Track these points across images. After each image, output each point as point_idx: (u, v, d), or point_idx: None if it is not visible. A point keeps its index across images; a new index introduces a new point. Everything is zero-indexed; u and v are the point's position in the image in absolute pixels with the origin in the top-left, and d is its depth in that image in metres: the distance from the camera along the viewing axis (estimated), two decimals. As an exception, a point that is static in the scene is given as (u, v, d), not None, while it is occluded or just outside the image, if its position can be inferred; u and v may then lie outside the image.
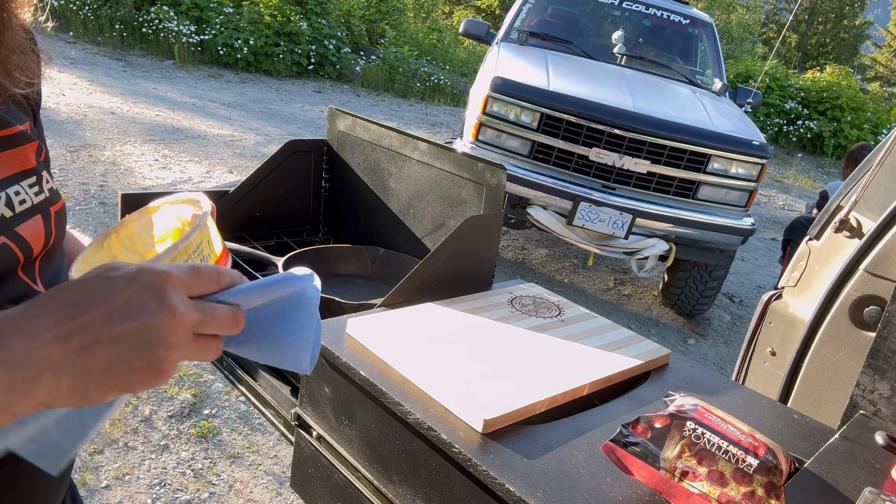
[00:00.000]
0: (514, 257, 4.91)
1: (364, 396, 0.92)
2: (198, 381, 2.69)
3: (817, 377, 1.58)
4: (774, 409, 1.01)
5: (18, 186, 0.63)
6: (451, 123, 9.34)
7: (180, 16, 9.77)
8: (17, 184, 0.63)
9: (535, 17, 5.26)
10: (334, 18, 11.40)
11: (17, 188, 0.63)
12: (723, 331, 4.37)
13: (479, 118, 3.84)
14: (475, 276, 1.25)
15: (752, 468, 0.70)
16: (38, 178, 0.66)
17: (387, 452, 0.90)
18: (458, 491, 0.81)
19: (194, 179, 5.03)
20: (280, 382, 1.16)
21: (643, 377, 1.05)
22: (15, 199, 0.62)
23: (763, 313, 1.80)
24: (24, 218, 0.63)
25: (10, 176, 0.63)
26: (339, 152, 1.72)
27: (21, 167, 0.64)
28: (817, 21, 25.58)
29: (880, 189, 1.66)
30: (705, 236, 3.77)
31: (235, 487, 2.19)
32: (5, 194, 0.61)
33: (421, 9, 18.17)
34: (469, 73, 12.36)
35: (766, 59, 16.81)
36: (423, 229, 1.54)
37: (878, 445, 0.94)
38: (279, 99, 8.65)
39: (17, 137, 0.64)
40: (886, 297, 1.44)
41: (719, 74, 5.06)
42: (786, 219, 7.18)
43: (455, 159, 1.41)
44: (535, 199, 3.74)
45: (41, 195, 0.66)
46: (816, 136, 12.27)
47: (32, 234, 0.63)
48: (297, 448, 1.08)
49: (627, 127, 3.62)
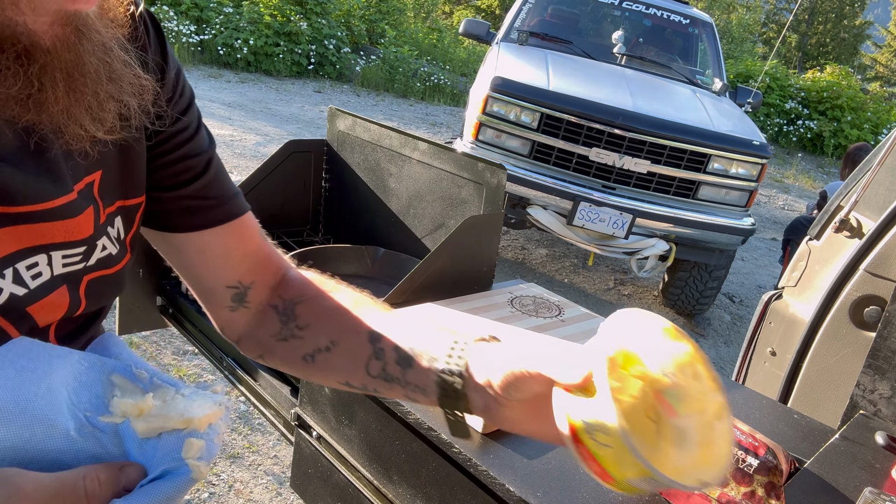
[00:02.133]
0: (514, 257, 4.91)
1: (364, 396, 0.92)
2: (198, 381, 2.69)
3: (817, 377, 1.58)
4: (774, 409, 1.01)
5: (37, 257, 0.53)
6: (451, 123, 9.34)
7: (180, 16, 9.77)
8: (38, 254, 0.53)
9: (535, 17, 5.26)
10: (334, 18, 11.40)
11: (35, 259, 0.52)
12: (723, 331, 4.37)
13: (479, 118, 3.84)
14: (475, 276, 1.25)
15: (752, 468, 0.70)
16: (89, 248, 0.57)
17: (387, 452, 0.90)
18: (458, 491, 0.81)
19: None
20: (280, 383, 1.16)
21: (643, 377, 1.05)
22: (26, 275, 0.52)
23: (763, 313, 1.80)
24: (43, 292, 0.54)
25: (29, 248, 0.52)
26: (339, 152, 1.72)
27: (58, 238, 0.53)
28: (817, 21, 25.57)
29: (880, 189, 1.66)
30: (705, 236, 3.77)
31: (235, 487, 2.19)
32: (12, 270, 0.51)
33: (421, 9, 18.17)
34: (469, 73, 12.36)
35: (766, 59, 16.81)
36: (423, 229, 1.54)
37: (878, 445, 0.94)
38: (279, 99, 8.65)
39: (61, 210, 0.52)
40: (886, 297, 1.44)
41: (719, 74, 5.06)
42: (786, 219, 7.18)
43: (455, 159, 1.41)
44: (535, 199, 3.74)
45: (78, 265, 0.56)
46: (816, 136, 12.28)
47: (46, 307, 0.54)
48: (297, 448, 1.08)
49: (627, 127, 3.62)
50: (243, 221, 0.69)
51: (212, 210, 0.66)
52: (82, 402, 0.51)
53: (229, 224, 0.68)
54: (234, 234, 0.69)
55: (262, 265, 0.71)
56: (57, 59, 0.46)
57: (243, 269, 0.70)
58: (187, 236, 0.67)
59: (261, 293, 0.71)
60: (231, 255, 0.69)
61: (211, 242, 0.67)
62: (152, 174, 0.64)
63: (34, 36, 0.44)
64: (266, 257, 0.72)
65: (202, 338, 1.35)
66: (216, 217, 0.67)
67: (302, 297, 0.70)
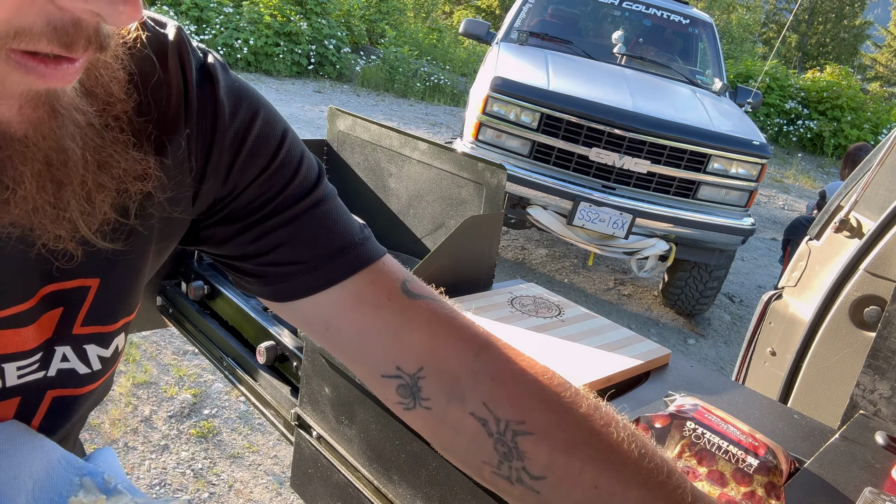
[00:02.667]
0: (514, 257, 4.91)
1: (364, 396, 0.92)
2: (198, 381, 2.69)
3: (817, 377, 1.58)
4: (774, 409, 1.01)
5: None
6: (451, 123, 9.34)
7: (180, 16, 9.77)
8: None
9: (535, 17, 5.26)
10: (334, 18, 11.40)
11: None
12: (723, 331, 4.37)
13: (479, 118, 3.84)
14: (475, 276, 1.25)
15: (752, 468, 0.70)
16: (44, 357, 0.51)
17: (387, 452, 0.90)
18: (458, 491, 0.81)
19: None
20: (280, 382, 1.16)
21: (643, 377, 1.05)
22: None
23: (763, 313, 1.80)
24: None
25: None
26: (339, 152, 1.72)
27: (10, 349, 0.48)
28: (817, 21, 25.57)
29: (880, 189, 1.66)
30: (705, 236, 3.77)
31: (235, 487, 2.19)
32: None
33: (421, 9, 18.17)
34: (469, 73, 12.36)
35: (766, 59, 16.81)
36: (423, 229, 1.55)
37: (878, 445, 0.94)
38: (279, 99, 8.65)
39: (14, 319, 0.47)
40: (886, 297, 1.44)
41: (719, 74, 5.06)
42: (786, 219, 7.18)
43: (455, 159, 1.41)
44: (535, 199, 3.74)
45: (32, 376, 0.51)
46: (816, 136, 12.28)
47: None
48: (297, 448, 1.08)
49: (627, 127, 3.62)
50: (377, 269, 0.55)
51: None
52: (43, 496, 0.51)
53: (354, 277, 0.54)
54: (365, 284, 0.54)
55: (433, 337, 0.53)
56: (31, 148, 0.39)
57: (399, 347, 0.53)
58: (306, 303, 0.55)
59: (440, 384, 0.52)
60: (369, 325, 0.53)
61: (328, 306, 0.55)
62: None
63: (1, 124, 0.38)
64: (446, 323, 0.54)
65: (202, 338, 1.35)
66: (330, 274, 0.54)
67: (523, 421, 0.49)
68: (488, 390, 0.51)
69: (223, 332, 1.30)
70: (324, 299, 0.54)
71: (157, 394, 2.56)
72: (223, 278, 1.38)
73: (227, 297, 1.31)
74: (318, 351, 0.98)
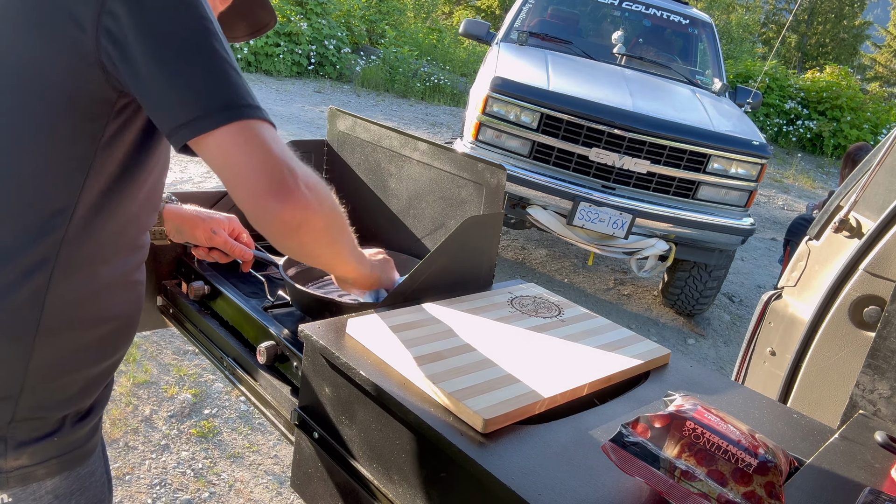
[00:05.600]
0: (514, 257, 4.91)
1: (364, 396, 0.92)
2: (198, 381, 2.69)
3: (817, 377, 1.58)
4: (774, 409, 1.01)
5: None
6: (451, 123, 9.34)
7: (180, 16, 9.76)
8: None
9: (535, 17, 5.26)
10: (334, 18, 11.40)
11: None
12: (723, 331, 4.38)
13: (479, 118, 3.84)
14: (475, 276, 1.25)
15: (751, 468, 0.70)
16: None
17: (387, 452, 0.90)
18: (459, 491, 0.81)
19: (194, 179, 5.03)
20: (280, 382, 1.16)
21: (643, 377, 1.05)
22: None
23: (763, 313, 1.81)
24: None
25: None
26: (339, 152, 1.73)
27: None
28: (817, 21, 25.57)
29: (880, 189, 1.66)
30: (705, 236, 3.77)
31: (236, 487, 2.19)
32: None
33: (421, 9, 18.17)
34: (469, 73, 12.36)
35: (765, 59, 16.82)
36: (423, 229, 1.55)
37: (877, 445, 0.94)
38: (279, 99, 8.65)
39: None
40: (886, 297, 1.44)
41: (719, 74, 5.07)
42: (786, 219, 7.19)
43: (455, 159, 1.41)
44: (535, 199, 3.74)
45: None
46: (816, 136, 12.28)
47: None
48: (297, 448, 1.08)
49: (627, 127, 3.62)
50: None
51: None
52: None
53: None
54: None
55: None
56: None
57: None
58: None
59: None
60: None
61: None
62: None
63: None
64: None
65: (202, 338, 1.35)
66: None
67: None
68: None
69: (223, 331, 1.30)
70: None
71: (158, 393, 2.57)
72: (223, 278, 1.39)
73: (227, 297, 1.31)
74: (319, 351, 0.98)
